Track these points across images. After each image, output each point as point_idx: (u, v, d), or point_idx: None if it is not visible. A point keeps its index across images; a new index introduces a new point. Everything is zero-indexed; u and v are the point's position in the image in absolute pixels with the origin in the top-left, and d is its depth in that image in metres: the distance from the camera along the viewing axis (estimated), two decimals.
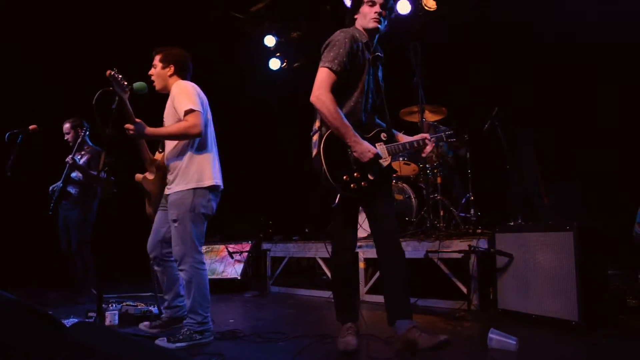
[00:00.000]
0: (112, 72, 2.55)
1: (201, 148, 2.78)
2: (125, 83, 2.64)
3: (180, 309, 3.02)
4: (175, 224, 2.70)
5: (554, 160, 4.94)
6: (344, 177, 2.36)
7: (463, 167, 4.83)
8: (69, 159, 4.25)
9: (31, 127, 4.17)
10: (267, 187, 6.97)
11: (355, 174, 2.38)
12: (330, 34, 2.53)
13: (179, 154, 2.77)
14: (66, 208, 4.51)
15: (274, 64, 7.17)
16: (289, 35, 7.03)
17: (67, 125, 4.54)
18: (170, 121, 2.80)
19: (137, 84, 2.87)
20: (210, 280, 5.11)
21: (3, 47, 5.12)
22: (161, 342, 2.61)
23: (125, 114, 2.63)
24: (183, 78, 2.90)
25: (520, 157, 4.87)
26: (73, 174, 4.43)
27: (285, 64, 7.24)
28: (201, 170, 2.74)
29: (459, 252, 3.53)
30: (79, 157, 4.42)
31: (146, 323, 3.06)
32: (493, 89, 5.03)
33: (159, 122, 2.92)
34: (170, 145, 2.84)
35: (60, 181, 4.39)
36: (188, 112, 2.66)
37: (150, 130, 2.68)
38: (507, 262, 3.25)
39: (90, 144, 4.64)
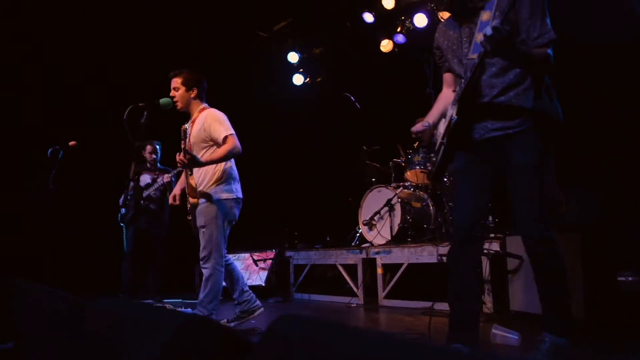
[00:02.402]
0: (186, 126, 3.09)
1: (223, 169, 3.15)
2: (189, 131, 3.15)
3: (248, 302, 3.26)
4: (203, 230, 3.06)
5: (573, 166, 4.94)
6: None
7: None
8: (167, 177, 4.69)
9: (71, 143, 4.54)
10: (291, 198, 7.18)
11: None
12: (350, 49, 2.64)
13: (207, 172, 3.13)
14: (145, 221, 4.91)
15: (298, 79, 7.43)
16: (311, 51, 7.30)
17: (152, 147, 5.01)
18: (199, 146, 3.12)
19: (164, 100, 3.20)
20: None
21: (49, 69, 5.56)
22: None
23: (185, 151, 2.94)
24: (202, 99, 3.22)
25: None
26: (150, 191, 4.83)
27: (308, 79, 7.49)
28: (226, 185, 3.13)
29: None
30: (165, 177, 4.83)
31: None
32: None
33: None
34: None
35: (141, 198, 4.82)
36: (227, 137, 3.03)
37: (203, 158, 3.02)
38: (517, 264, 3.32)
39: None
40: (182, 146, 2.99)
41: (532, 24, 1.98)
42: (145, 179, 4.87)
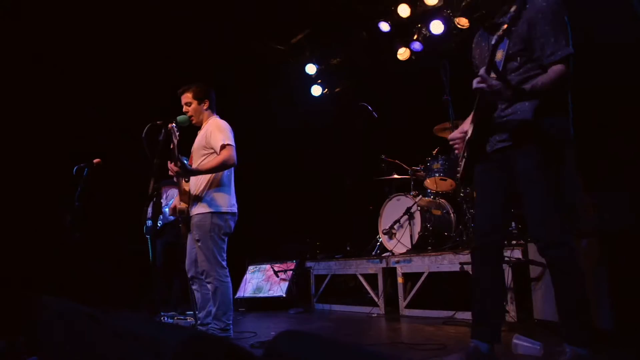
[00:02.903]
0: (172, 126, 3.00)
1: (220, 177, 3.12)
2: (178, 133, 3.03)
3: (210, 324, 3.20)
4: (199, 244, 3.03)
5: (599, 168, 4.80)
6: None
7: None
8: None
9: (95, 160, 4.67)
10: (311, 208, 7.18)
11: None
12: (367, 58, 2.65)
13: (201, 182, 3.11)
14: (173, 234, 5.00)
15: (316, 90, 7.48)
16: (328, 62, 7.35)
17: None
18: (200, 153, 3.14)
19: (181, 117, 3.25)
20: (257, 298, 5.42)
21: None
22: None
23: (173, 156, 2.97)
24: (213, 110, 3.26)
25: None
26: None
27: (326, 90, 7.53)
28: (221, 197, 3.09)
29: None
30: None
31: None
32: None
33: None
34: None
35: (170, 213, 4.93)
36: (224, 146, 3.01)
37: (194, 167, 3.05)
38: (540, 272, 3.24)
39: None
40: (171, 147, 2.95)
41: (545, 41, 2.00)
42: (173, 193, 4.97)
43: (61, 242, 4.44)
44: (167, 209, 4.95)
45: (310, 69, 7.27)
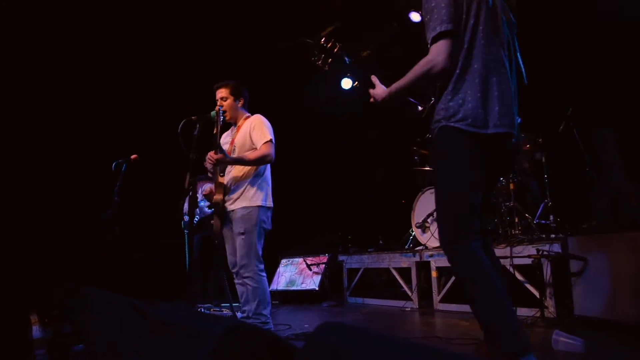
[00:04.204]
0: (219, 108, 3.08)
1: (264, 173, 3.18)
2: (222, 118, 3.11)
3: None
4: (242, 237, 3.03)
5: None
6: None
7: (539, 172, 4.70)
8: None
9: (132, 156, 4.81)
10: (344, 202, 7.18)
11: None
12: (398, 49, 2.68)
13: (246, 176, 3.14)
14: (210, 227, 5.13)
15: (346, 83, 7.43)
16: (359, 54, 7.29)
17: None
18: (243, 149, 3.18)
19: (215, 113, 3.29)
20: (290, 291, 5.47)
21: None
22: None
23: (215, 142, 3.02)
24: (246, 108, 3.30)
25: (601, 158, 4.61)
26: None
27: (357, 82, 7.46)
28: (264, 192, 3.13)
29: (529, 257, 3.46)
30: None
31: None
32: (567, 89, 4.85)
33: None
34: (237, 168, 3.19)
35: (197, 207, 5.05)
36: (267, 142, 3.06)
37: (233, 157, 3.10)
38: (581, 266, 3.14)
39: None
40: (214, 132, 2.98)
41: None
42: (207, 187, 5.07)
43: (101, 236, 4.60)
44: (202, 203, 5.04)
45: None
